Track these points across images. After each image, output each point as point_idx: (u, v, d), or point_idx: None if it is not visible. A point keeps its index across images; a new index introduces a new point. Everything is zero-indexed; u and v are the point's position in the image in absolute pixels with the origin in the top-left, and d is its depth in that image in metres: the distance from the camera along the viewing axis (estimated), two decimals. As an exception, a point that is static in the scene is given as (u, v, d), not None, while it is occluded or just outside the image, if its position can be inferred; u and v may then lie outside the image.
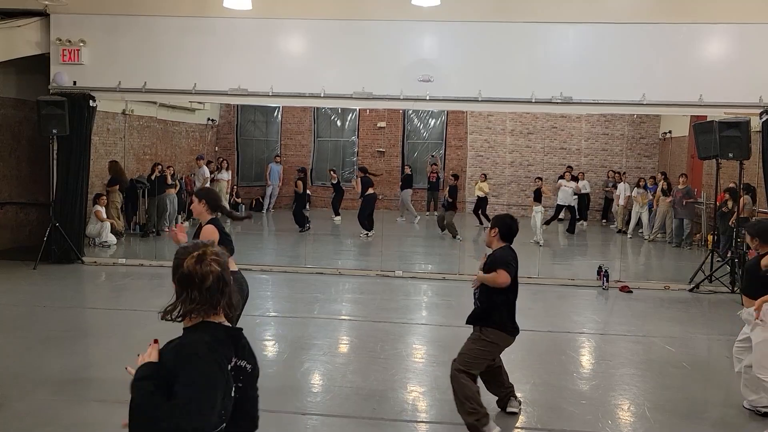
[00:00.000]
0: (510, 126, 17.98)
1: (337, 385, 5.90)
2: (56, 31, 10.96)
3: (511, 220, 5.09)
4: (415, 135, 18.84)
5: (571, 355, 6.94)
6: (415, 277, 10.72)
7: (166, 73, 10.92)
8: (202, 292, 2.31)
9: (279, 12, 10.63)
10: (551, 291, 9.99)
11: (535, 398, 5.72)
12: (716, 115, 10.32)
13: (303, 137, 19.01)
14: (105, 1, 10.87)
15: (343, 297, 9.56)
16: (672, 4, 10.17)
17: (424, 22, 10.44)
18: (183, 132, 16.68)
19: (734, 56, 10.21)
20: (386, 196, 16.76)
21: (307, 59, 10.91)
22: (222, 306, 2.36)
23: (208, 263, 2.33)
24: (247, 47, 10.84)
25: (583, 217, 16.34)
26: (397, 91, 10.65)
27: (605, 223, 17.00)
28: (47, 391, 5.41)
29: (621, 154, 17.57)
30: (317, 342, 7.07)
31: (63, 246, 10.73)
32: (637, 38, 10.32)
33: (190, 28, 10.84)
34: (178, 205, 14.55)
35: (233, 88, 10.84)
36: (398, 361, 6.59)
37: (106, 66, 10.97)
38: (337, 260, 12.27)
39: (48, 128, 10.59)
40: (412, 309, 8.99)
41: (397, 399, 5.65)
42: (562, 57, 10.47)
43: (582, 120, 17.51)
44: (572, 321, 8.59)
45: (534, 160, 17.69)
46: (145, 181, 13.74)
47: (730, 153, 9.78)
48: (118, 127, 13.72)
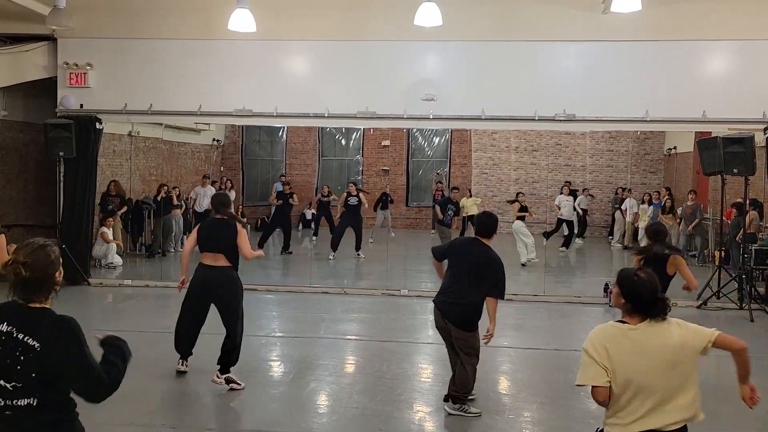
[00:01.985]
0: (514, 143, 18.02)
1: (343, 405, 5.87)
2: (63, 55, 11.09)
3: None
4: (420, 153, 18.90)
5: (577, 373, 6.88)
6: (420, 295, 10.68)
7: (171, 95, 11.03)
8: None
9: (283, 34, 10.74)
10: (557, 309, 9.95)
11: (542, 418, 5.68)
12: (720, 131, 10.33)
13: (308, 156, 19.10)
14: (111, 25, 11.01)
15: (348, 316, 9.54)
16: (674, 22, 10.22)
17: (427, 41, 10.52)
18: (188, 153, 16.78)
19: (737, 72, 10.23)
20: (392, 215, 16.71)
21: (311, 80, 11.00)
22: None
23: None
24: (252, 68, 10.94)
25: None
26: (400, 110, 10.70)
27: (611, 239, 16.93)
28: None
29: (626, 170, 17.56)
30: (323, 362, 7.05)
31: (69, 268, 10.75)
32: (640, 55, 10.36)
33: (195, 50, 10.95)
34: (184, 225, 14.59)
35: (238, 108, 10.92)
36: (404, 380, 6.56)
37: (112, 89, 11.09)
38: (343, 279, 12.26)
39: (55, 151, 10.68)
40: (418, 328, 8.96)
41: (404, 419, 5.61)
42: (565, 75, 10.52)
43: (586, 136, 17.53)
44: (579, 339, 8.48)
45: (539, 177, 17.70)
46: (150, 202, 13.80)
47: (735, 169, 9.76)
48: (124, 148, 13.82)
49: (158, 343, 7.28)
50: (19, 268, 2.61)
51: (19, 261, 2.62)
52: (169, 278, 11.82)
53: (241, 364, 6.31)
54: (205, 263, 6.06)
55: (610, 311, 9.92)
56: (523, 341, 8.05)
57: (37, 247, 2.69)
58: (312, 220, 17.68)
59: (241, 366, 6.30)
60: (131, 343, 2.92)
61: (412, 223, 17.26)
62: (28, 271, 2.62)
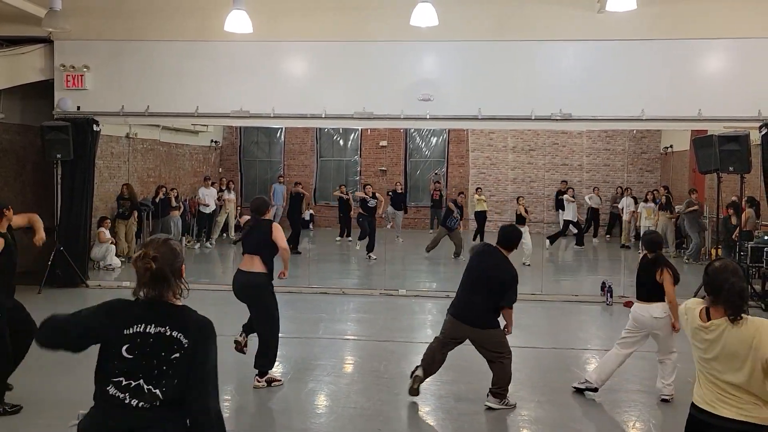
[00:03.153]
0: (511, 143, 18.05)
1: (341, 405, 5.89)
2: (60, 57, 11.10)
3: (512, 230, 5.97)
4: (417, 153, 18.92)
5: (575, 371, 6.91)
6: (418, 295, 10.71)
7: (168, 97, 11.04)
8: None
9: (280, 34, 10.75)
10: (555, 307, 9.98)
11: (539, 416, 5.70)
12: (716, 130, 10.36)
13: (306, 157, 19.10)
14: (108, 28, 11.02)
15: (347, 317, 9.56)
16: (669, 21, 10.25)
17: (424, 42, 10.54)
18: (186, 154, 16.79)
19: (732, 71, 10.27)
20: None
21: (308, 80, 11.01)
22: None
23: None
24: (249, 70, 10.96)
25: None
26: (397, 111, 10.73)
27: (609, 238, 16.97)
28: (53, 416, 5.41)
29: (623, 169, 17.60)
30: (321, 362, 7.07)
31: (68, 270, 10.78)
32: (636, 54, 10.39)
33: (191, 51, 10.96)
34: (182, 226, 14.61)
35: (235, 110, 10.94)
36: (402, 380, 6.56)
37: (109, 91, 11.09)
38: (341, 279, 12.29)
39: (52, 153, 10.69)
40: (416, 328, 8.98)
41: (401, 419, 5.63)
42: (561, 74, 10.54)
43: (583, 136, 17.57)
44: (576, 337, 8.57)
45: (536, 176, 17.73)
46: (149, 204, 13.81)
47: (731, 167, 9.80)
48: (121, 150, 13.82)
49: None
50: (149, 261, 2.62)
51: (150, 254, 2.63)
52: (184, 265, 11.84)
53: (240, 365, 6.33)
54: (241, 268, 6.20)
55: (607, 310, 9.96)
56: (522, 340, 8.05)
57: (162, 241, 2.73)
58: (310, 221, 17.72)
59: (240, 367, 6.32)
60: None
61: (410, 223, 17.25)
62: (157, 263, 2.62)
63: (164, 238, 2.75)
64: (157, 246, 2.67)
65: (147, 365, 2.56)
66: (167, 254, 2.67)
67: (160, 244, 2.69)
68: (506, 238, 5.79)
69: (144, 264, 2.62)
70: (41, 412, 5.47)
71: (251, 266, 6.11)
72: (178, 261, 2.70)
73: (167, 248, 2.69)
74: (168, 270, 2.64)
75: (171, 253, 2.69)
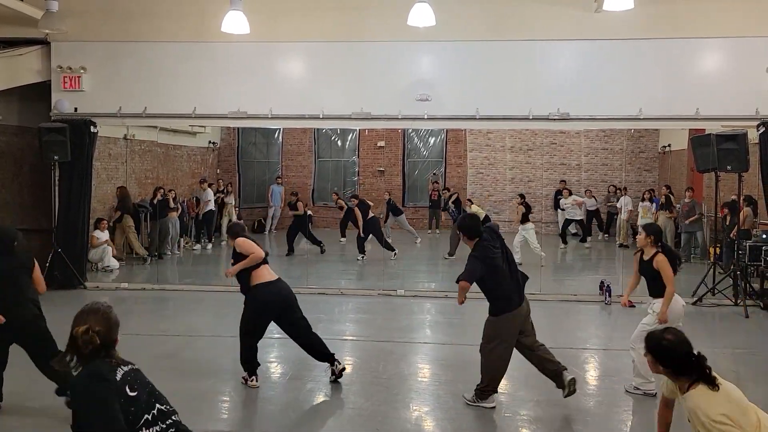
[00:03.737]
0: (509, 143, 18.04)
1: (340, 406, 5.89)
2: (57, 58, 11.09)
3: (468, 220, 5.89)
4: (415, 154, 18.91)
5: (574, 371, 6.89)
6: (417, 295, 10.71)
7: (166, 98, 11.03)
8: None
9: (277, 35, 10.75)
10: (554, 307, 9.97)
11: (539, 415, 5.70)
12: (714, 128, 10.37)
13: (304, 158, 19.07)
14: (105, 29, 11.01)
15: (345, 317, 9.55)
16: (667, 20, 10.26)
17: (421, 42, 10.55)
18: (184, 155, 16.76)
19: (730, 70, 10.28)
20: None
21: (306, 81, 11.01)
22: None
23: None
24: (246, 70, 10.95)
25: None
26: (395, 111, 10.72)
27: (607, 237, 16.97)
28: (52, 419, 5.40)
29: (621, 168, 17.60)
30: (320, 363, 7.05)
31: (66, 272, 10.76)
32: (633, 54, 10.40)
33: (189, 52, 10.96)
34: (180, 228, 14.59)
35: (233, 111, 10.93)
36: (401, 380, 6.57)
37: (106, 92, 11.08)
38: (339, 280, 12.27)
39: (50, 155, 10.68)
40: (415, 328, 8.98)
41: (400, 419, 5.62)
42: (559, 73, 10.55)
43: (581, 135, 17.57)
44: (575, 337, 8.56)
45: (534, 176, 17.73)
46: (147, 205, 13.79)
47: (729, 165, 9.81)
48: (119, 152, 13.80)
49: (155, 346, 7.30)
50: (94, 336, 2.73)
51: (94, 329, 2.74)
52: (166, 281, 11.84)
53: (238, 366, 6.32)
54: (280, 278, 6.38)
55: (605, 309, 9.96)
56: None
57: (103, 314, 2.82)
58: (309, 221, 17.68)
59: (238, 368, 6.31)
60: (129, 346, 2.97)
61: (408, 223, 17.22)
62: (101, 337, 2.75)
63: (105, 307, 2.84)
64: (99, 319, 2.77)
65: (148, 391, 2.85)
66: (108, 326, 2.79)
67: (104, 317, 2.79)
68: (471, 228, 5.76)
69: (89, 338, 2.71)
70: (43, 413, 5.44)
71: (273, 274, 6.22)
72: (116, 332, 2.83)
73: (108, 321, 2.80)
74: (108, 342, 2.78)
75: (111, 324, 2.81)
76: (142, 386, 2.77)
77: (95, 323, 2.73)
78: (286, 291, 6.24)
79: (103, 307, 2.82)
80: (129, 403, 2.68)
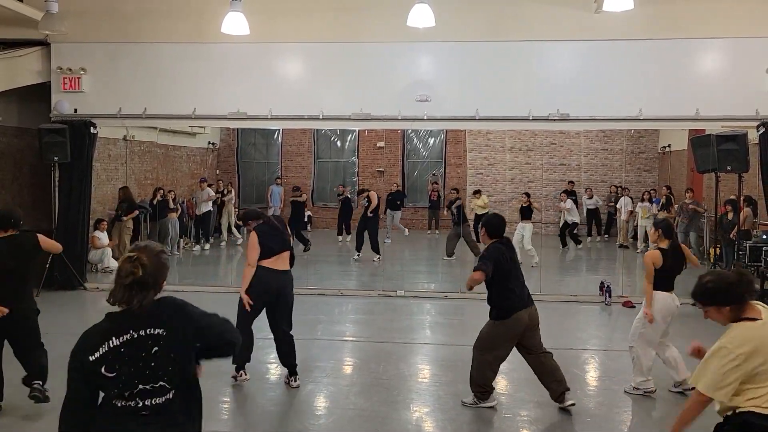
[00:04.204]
0: (509, 143, 18.04)
1: (340, 406, 5.88)
2: (57, 59, 11.08)
3: (495, 218, 5.82)
4: (415, 154, 18.92)
5: (574, 372, 6.91)
6: (417, 296, 10.71)
7: (165, 99, 11.02)
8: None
9: (276, 36, 10.74)
10: (554, 307, 9.96)
11: (539, 417, 5.70)
12: (714, 129, 10.37)
13: (303, 159, 19.08)
14: (104, 30, 11.00)
15: (345, 318, 9.55)
16: (666, 20, 10.25)
17: (420, 42, 10.54)
18: (184, 156, 16.76)
19: (729, 70, 10.27)
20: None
21: (305, 82, 11.00)
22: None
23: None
24: (246, 71, 10.95)
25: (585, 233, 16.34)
26: (395, 112, 10.72)
27: (607, 238, 16.97)
28: (51, 420, 5.40)
29: (621, 168, 17.60)
30: (320, 364, 7.06)
31: (65, 273, 10.75)
32: (633, 54, 10.40)
33: (188, 53, 10.95)
34: (180, 228, 14.59)
35: (232, 111, 10.92)
36: (401, 381, 6.57)
37: (106, 93, 11.08)
38: (339, 281, 12.27)
39: (49, 156, 10.68)
40: (415, 329, 8.97)
41: (401, 420, 5.62)
42: (558, 74, 10.54)
43: (581, 136, 17.57)
44: (575, 337, 8.56)
45: (534, 176, 17.73)
46: (147, 206, 13.79)
47: (729, 166, 9.81)
48: (119, 152, 13.80)
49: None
50: (138, 267, 2.59)
51: (141, 260, 2.60)
52: (166, 281, 11.79)
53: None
54: (276, 268, 6.25)
55: (606, 309, 9.96)
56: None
57: (156, 252, 2.70)
58: (309, 222, 17.70)
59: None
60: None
61: (408, 224, 17.22)
62: (144, 271, 2.59)
63: (159, 249, 2.74)
64: (149, 254, 2.65)
65: (134, 371, 2.56)
66: (156, 265, 2.65)
67: (154, 254, 2.68)
68: (495, 227, 5.78)
69: (132, 267, 2.59)
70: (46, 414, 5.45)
71: (285, 265, 6.19)
72: (163, 275, 2.69)
73: (158, 260, 2.68)
74: (151, 281, 2.63)
75: (160, 265, 2.68)
76: (132, 361, 2.54)
77: (144, 255, 2.61)
78: (282, 283, 6.17)
79: (157, 248, 2.72)
80: (104, 382, 2.56)
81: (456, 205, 14.10)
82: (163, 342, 2.59)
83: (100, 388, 2.61)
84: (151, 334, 2.59)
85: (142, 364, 2.57)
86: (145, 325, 2.60)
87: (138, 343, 2.58)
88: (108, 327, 2.62)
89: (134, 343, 2.58)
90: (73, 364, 2.62)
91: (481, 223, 5.92)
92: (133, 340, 2.58)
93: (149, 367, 2.58)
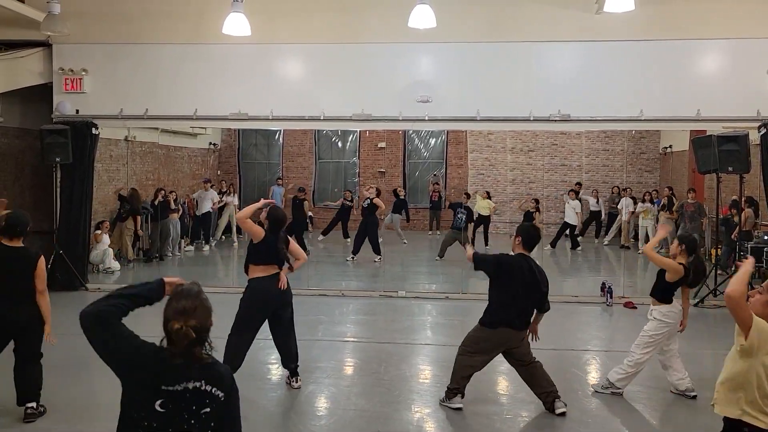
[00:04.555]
0: (510, 144, 18.03)
1: (341, 407, 5.89)
2: (59, 60, 11.10)
3: (533, 230, 5.85)
4: (416, 155, 18.92)
5: (575, 372, 6.92)
6: (418, 297, 10.71)
7: (167, 100, 11.04)
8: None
9: (277, 37, 10.76)
10: (555, 308, 9.85)
11: (539, 418, 5.69)
12: (715, 130, 10.37)
13: (304, 159, 19.09)
14: (106, 31, 11.02)
15: (346, 318, 9.55)
16: (667, 21, 10.26)
17: (422, 43, 10.55)
18: (185, 157, 16.78)
19: (731, 71, 10.28)
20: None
21: (307, 83, 11.01)
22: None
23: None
24: (247, 72, 10.96)
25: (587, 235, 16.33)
26: (396, 112, 10.73)
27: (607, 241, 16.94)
28: (51, 421, 5.41)
29: (622, 169, 17.59)
30: (321, 364, 7.06)
31: (67, 273, 10.77)
32: (633, 55, 10.40)
33: (190, 54, 10.97)
34: (181, 229, 14.60)
35: (234, 112, 10.94)
36: (402, 382, 6.57)
37: (108, 94, 11.10)
38: (340, 281, 12.27)
39: (51, 156, 10.69)
40: (416, 329, 8.98)
41: (402, 420, 5.63)
42: (559, 75, 10.55)
43: (582, 136, 17.56)
44: (576, 338, 8.56)
45: (535, 177, 17.71)
46: (148, 207, 13.81)
47: (730, 167, 9.81)
48: (120, 153, 13.82)
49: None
50: (190, 332, 2.55)
51: (190, 324, 2.55)
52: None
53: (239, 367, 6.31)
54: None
55: (607, 310, 9.96)
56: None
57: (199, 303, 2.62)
58: (310, 222, 17.70)
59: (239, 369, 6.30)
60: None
61: (408, 225, 17.23)
62: (197, 332, 2.57)
63: (197, 294, 2.65)
64: (194, 312, 2.58)
65: (178, 419, 2.57)
66: (203, 316, 2.61)
67: (197, 306, 2.60)
68: (531, 237, 5.73)
69: (186, 335, 2.55)
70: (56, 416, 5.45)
71: (275, 269, 6.16)
72: (211, 319, 2.65)
73: (203, 310, 2.62)
74: (205, 333, 2.61)
75: (206, 313, 2.63)
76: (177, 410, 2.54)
77: (191, 319, 2.56)
78: (276, 290, 6.14)
79: (194, 290, 2.65)
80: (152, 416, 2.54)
81: (462, 211, 14.03)
82: (216, 407, 2.61)
83: (135, 409, 2.57)
84: (213, 395, 2.61)
85: (187, 415, 2.58)
86: (211, 382, 2.62)
87: (200, 396, 2.59)
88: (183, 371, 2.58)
89: (197, 395, 2.59)
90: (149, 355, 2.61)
91: (516, 230, 5.81)
92: (198, 391, 2.59)
93: (190, 423, 2.58)
